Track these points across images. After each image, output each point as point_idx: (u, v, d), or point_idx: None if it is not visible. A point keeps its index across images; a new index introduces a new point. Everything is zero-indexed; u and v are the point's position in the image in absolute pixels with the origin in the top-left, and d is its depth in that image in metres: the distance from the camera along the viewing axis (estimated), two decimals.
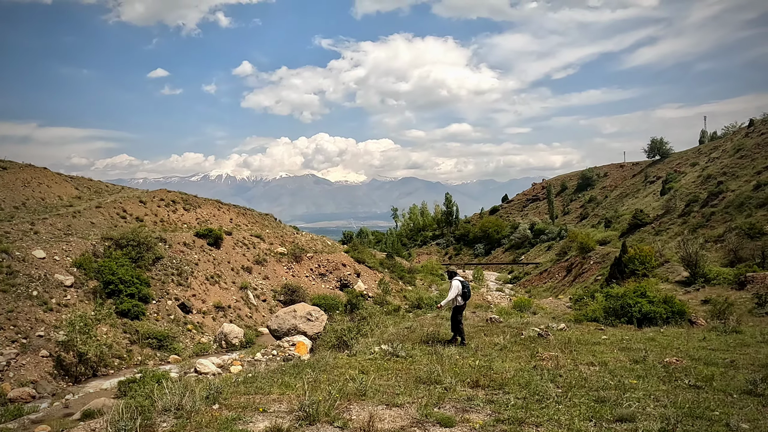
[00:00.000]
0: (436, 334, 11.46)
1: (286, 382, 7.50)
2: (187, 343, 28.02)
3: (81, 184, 44.04)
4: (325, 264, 41.96)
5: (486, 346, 9.52)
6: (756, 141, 55.14)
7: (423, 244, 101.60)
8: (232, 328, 29.08)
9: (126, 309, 27.36)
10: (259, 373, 8.40)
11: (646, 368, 7.38)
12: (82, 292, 26.89)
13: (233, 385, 7.65)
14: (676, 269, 33.37)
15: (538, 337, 10.41)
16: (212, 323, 30.82)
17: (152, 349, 26.32)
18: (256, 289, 35.68)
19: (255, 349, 26.57)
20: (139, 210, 38.67)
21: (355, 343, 11.54)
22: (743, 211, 40.71)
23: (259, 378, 7.98)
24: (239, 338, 28.77)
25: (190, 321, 29.81)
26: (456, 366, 7.90)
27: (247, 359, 23.88)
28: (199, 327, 29.88)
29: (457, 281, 11.49)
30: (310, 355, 23.00)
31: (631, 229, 55.35)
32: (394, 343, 9.14)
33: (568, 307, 25.27)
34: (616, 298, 14.25)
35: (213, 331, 30.08)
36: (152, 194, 42.13)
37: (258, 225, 46.12)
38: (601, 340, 10.08)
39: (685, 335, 10.24)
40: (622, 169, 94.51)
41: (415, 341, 10.41)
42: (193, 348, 27.66)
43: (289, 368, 8.59)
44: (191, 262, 33.76)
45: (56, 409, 17.64)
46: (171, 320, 28.97)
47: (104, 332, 25.00)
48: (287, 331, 27.58)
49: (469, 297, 11.58)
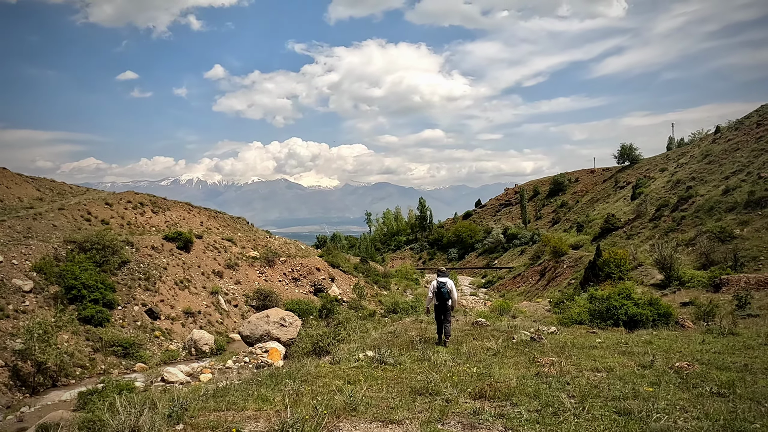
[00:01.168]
0: (422, 338, 10.88)
1: (262, 395, 6.69)
2: (154, 351, 26.83)
3: (43, 185, 42.15)
4: (299, 268, 41.07)
5: (478, 351, 8.95)
6: (723, 147, 56.48)
7: (397, 249, 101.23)
8: (202, 335, 28.01)
9: (89, 315, 26.04)
10: (231, 385, 7.49)
11: (657, 374, 6.90)
12: (42, 297, 25.48)
13: (201, 400, 6.80)
14: (650, 272, 33.64)
15: (531, 340, 9.94)
16: (181, 329, 29.65)
17: (117, 357, 25.09)
18: (227, 294, 34.59)
19: (226, 356, 25.59)
20: (104, 212, 37.14)
21: (336, 349, 10.87)
22: (713, 215, 41.43)
23: (232, 390, 7.14)
24: (209, 345, 27.71)
25: (158, 327, 28.60)
26: (452, 374, 7.26)
27: (218, 367, 22.92)
28: (168, 333, 28.70)
29: (434, 282, 11.57)
30: (284, 361, 22.18)
31: (603, 233, 55.93)
32: (380, 349, 8.52)
33: (548, 310, 25.05)
34: (601, 300, 13.96)
35: (182, 337, 28.93)
36: (119, 196, 40.56)
37: (230, 228, 44.93)
38: (596, 343, 9.64)
39: (682, 338, 9.90)
40: (592, 175, 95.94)
41: (402, 346, 9.79)
42: (160, 356, 26.49)
43: (265, 378, 7.76)
44: (159, 266, 32.49)
45: (9, 423, 16.43)
46: (137, 327, 27.73)
47: (65, 340, 23.70)
48: (260, 337, 26.67)
49: (446, 297, 11.45)
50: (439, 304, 11.51)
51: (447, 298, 11.39)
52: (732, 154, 52.73)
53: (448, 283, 11.54)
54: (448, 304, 11.44)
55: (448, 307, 11.48)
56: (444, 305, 11.45)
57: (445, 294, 11.36)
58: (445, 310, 11.48)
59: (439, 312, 11.60)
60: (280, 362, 22.40)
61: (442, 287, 11.40)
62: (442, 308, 11.50)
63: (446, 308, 11.46)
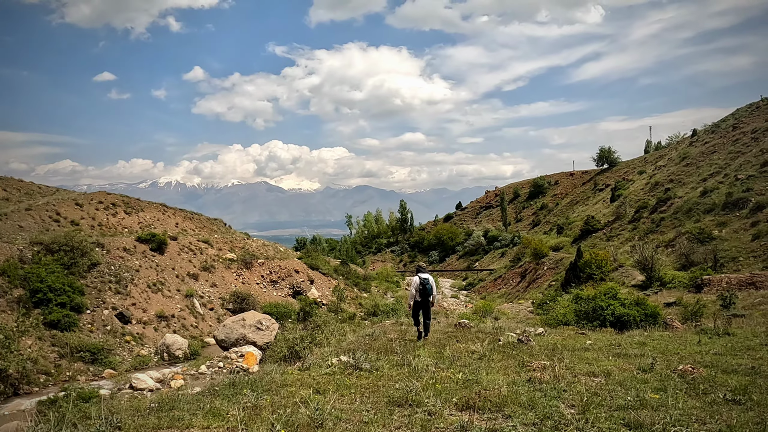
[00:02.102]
0: (403, 341, 10.22)
1: (215, 409, 5.79)
2: (124, 356, 25.75)
3: (10, 185, 40.56)
4: (277, 270, 40.18)
5: (463, 355, 8.28)
6: (700, 150, 57.19)
7: (378, 252, 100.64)
8: (175, 339, 27.02)
9: (56, 320, 24.87)
10: (181, 396, 6.60)
11: (660, 379, 6.30)
12: (4, 301, 24.25)
13: (141, 415, 5.90)
14: (631, 273, 33.61)
15: (519, 343, 9.33)
16: (154, 334, 28.59)
17: (84, 364, 23.97)
18: (202, 297, 33.57)
19: (200, 361, 24.66)
20: (74, 213, 35.79)
21: (308, 353, 10.19)
22: (691, 216, 41.75)
23: (182, 402, 6.21)
24: (183, 350, 26.73)
25: (129, 332, 27.51)
26: (435, 380, 6.54)
27: (191, 372, 21.99)
28: (139, 338, 27.62)
29: (416, 277, 11.53)
30: (259, 366, 21.41)
31: (583, 235, 56.15)
32: (355, 354, 7.83)
33: (530, 311, 24.69)
34: (587, 300, 13.55)
35: (154, 342, 27.88)
36: (90, 196, 39.17)
37: (206, 230, 43.80)
38: (587, 345, 9.07)
39: (676, 339, 9.42)
40: (572, 178, 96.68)
41: (380, 350, 9.06)
42: (131, 361, 25.43)
43: (223, 388, 6.92)
44: (131, 268, 31.36)
45: None
46: (107, 331, 26.62)
47: (29, 345, 22.54)
48: (235, 341, 25.80)
49: (430, 293, 11.47)
50: (422, 300, 11.48)
51: (430, 293, 11.39)
52: (709, 157, 53.38)
53: (430, 279, 11.51)
54: (430, 300, 11.45)
55: (430, 303, 11.50)
56: (426, 301, 11.44)
57: (429, 290, 11.33)
58: (427, 306, 11.50)
59: (420, 308, 11.60)
60: (256, 367, 21.62)
61: (426, 283, 11.36)
62: (424, 304, 11.50)
63: (428, 304, 11.48)
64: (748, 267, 30.22)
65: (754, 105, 61.11)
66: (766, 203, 36.39)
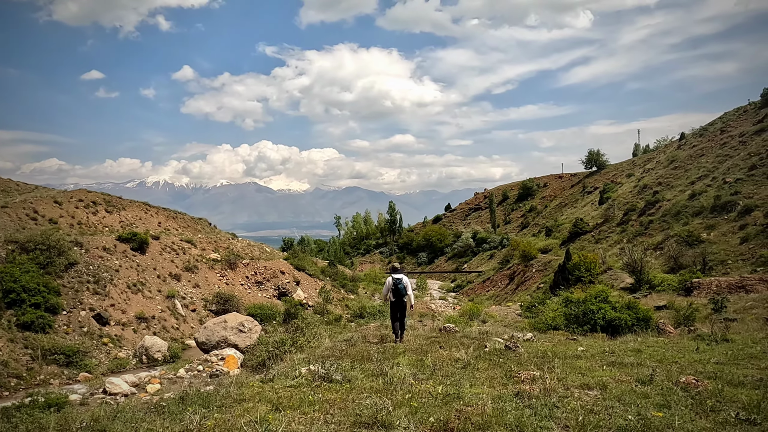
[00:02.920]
0: (383, 347, 9.62)
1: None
2: (101, 359, 24.93)
3: None
4: (262, 271, 39.44)
5: (445, 364, 7.68)
6: (688, 153, 57.29)
7: (366, 253, 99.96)
8: (155, 341, 26.23)
9: (29, 321, 24.00)
10: (120, 413, 5.79)
11: (662, 393, 5.66)
12: None
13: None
14: (619, 276, 33.33)
15: (506, 349, 8.78)
16: (133, 336, 27.78)
17: (59, 367, 23.14)
18: (184, 298, 32.76)
19: (179, 364, 23.90)
20: (53, 211, 34.80)
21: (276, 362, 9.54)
22: (680, 219, 41.62)
23: (117, 422, 5.42)
24: (162, 352, 25.96)
25: (107, 334, 26.67)
26: (412, 395, 5.81)
27: (168, 376, 21.24)
28: (117, 340, 26.80)
29: (390, 278, 11.46)
30: (239, 370, 20.75)
31: (571, 237, 55.95)
32: (327, 362, 7.19)
33: (519, 314, 24.23)
34: (577, 303, 13.07)
35: (133, 344, 27.07)
36: (69, 194, 38.15)
37: (190, 230, 42.91)
38: (579, 352, 8.49)
39: (672, 346, 8.90)
40: (560, 180, 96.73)
41: (356, 357, 8.44)
42: (108, 364, 24.63)
43: (171, 403, 6.17)
44: (111, 268, 30.48)
45: None
46: (84, 333, 25.77)
47: (0, 348, 21.72)
48: (216, 343, 25.08)
49: (404, 293, 11.31)
50: (396, 301, 11.32)
51: (404, 294, 11.20)
52: (697, 160, 53.45)
53: (403, 279, 11.32)
54: (404, 300, 11.27)
55: (404, 304, 11.32)
56: (401, 302, 11.28)
57: (402, 290, 11.16)
58: (402, 307, 11.34)
59: (396, 309, 11.45)
60: (237, 370, 20.97)
61: (398, 283, 11.20)
62: (399, 305, 11.33)
63: (403, 305, 11.32)
64: (737, 270, 30.05)
65: (741, 109, 61.40)
66: (754, 206, 36.32)
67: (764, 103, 56.47)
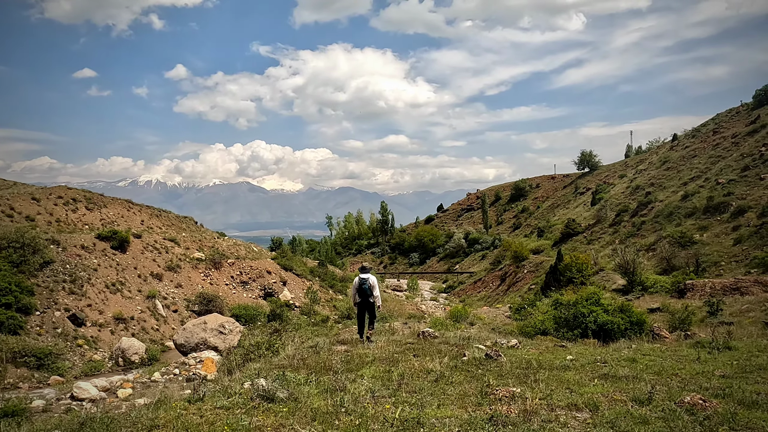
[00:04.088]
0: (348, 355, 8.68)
1: None
2: (75, 362, 23.95)
3: None
4: (248, 271, 38.54)
5: (415, 376, 6.76)
6: (681, 154, 56.92)
7: (358, 253, 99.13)
8: (132, 343, 25.29)
9: None
10: None
11: (664, 416, 4.75)
12: None
13: None
14: (611, 277, 32.73)
15: (486, 358, 7.86)
16: (110, 337, 26.81)
17: (29, 369, 22.14)
18: (166, 298, 31.81)
19: (156, 367, 22.99)
20: (30, 208, 33.71)
21: (221, 376, 8.66)
22: (672, 220, 41.16)
23: None
24: (140, 354, 25.02)
25: (82, 335, 25.69)
26: (363, 420, 4.82)
27: (143, 380, 20.35)
28: (93, 342, 25.82)
29: (357, 278, 11.32)
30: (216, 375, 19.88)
31: (563, 238, 55.44)
32: (274, 375, 6.29)
33: (508, 317, 23.51)
34: (568, 306, 12.34)
35: (110, 346, 26.11)
36: (48, 191, 37.02)
37: (174, 228, 41.91)
38: (567, 361, 7.66)
39: (669, 354, 8.05)
40: (553, 181, 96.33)
41: (315, 368, 7.51)
42: (82, 367, 23.66)
43: (68, 426, 5.31)
44: (89, 267, 29.48)
45: None
46: (57, 334, 24.79)
47: None
48: (195, 345, 24.22)
49: (369, 293, 11.16)
50: (362, 301, 11.21)
51: (369, 294, 11.04)
52: (690, 161, 53.06)
53: (369, 279, 11.16)
54: (370, 300, 11.10)
55: (372, 304, 11.16)
56: (366, 302, 11.14)
57: (367, 290, 11.02)
58: (369, 306, 11.20)
59: (363, 310, 11.35)
60: (215, 374, 20.11)
61: (363, 283, 11.08)
62: (365, 305, 11.23)
63: (369, 305, 11.18)
64: (730, 272, 29.53)
65: (734, 110, 61.11)
66: (747, 207, 35.87)
67: (757, 105, 56.18)
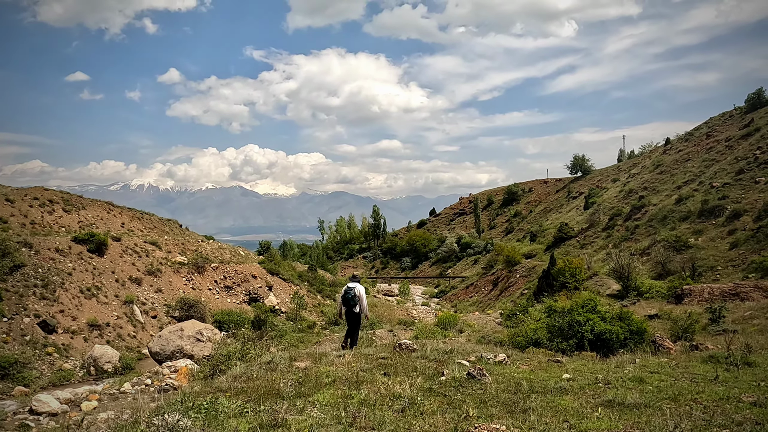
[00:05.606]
0: (305, 374, 7.34)
1: None
2: (43, 371, 22.70)
3: None
4: (233, 275, 37.36)
5: (379, 403, 5.62)
6: (674, 157, 56.34)
7: (350, 257, 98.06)
8: (105, 351, 24.07)
9: None
10: None
11: None
12: None
13: None
14: (605, 282, 31.87)
15: (468, 379, 6.74)
16: (83, 345, 25.58)
17: None
18: (145, 303, 30.58)
19: (128, 376, 21.79)
20: (3, 210, 32.38)
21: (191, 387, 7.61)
22: (667, 224, 40.40)
23: None
24: (113, 363, 23.80)
25: (53, 343, 24.45)
26: None
27: (111, 391, 19.15)
28: (65, 350, 24.58)
29: (344, 288, 11.20)
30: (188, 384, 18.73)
31: (556, 242, 54.61)
32: (203, 404, 5.27)
33: (499, 323, 22.53)
34: (562, 314, 11.36)
35: (83, 354, 24.87)
36: (23, 192, 35.69)
37: (157, 231, 40.67)
38: (564, 382, 6.47)
39: (682, 371, 6.93)
40: (545, 185, 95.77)
41: (261, 392, 6.30)
42: (50, 376, 22.41)
43: None
44: (63, 271, 28.24)
45: None
46: (26, 342, 23.54)
47: None
48: (171, 354, 23.04)
49: (353, 303, 11.02)
50: (347, 311, 11.06)
51: (354, 304, 10.85)
52: (683, 165, 52.47)
53: (355, 289, 10.95)
54: (355, 311, 10.92)
55: (356, 314, 10.99)
56: (351, 312, 10.97)
57: (351, 299, 10.83)
58: (353, 317, 11.05)
59: (348, 319, 11.22)
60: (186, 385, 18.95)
61: (348, 292, 10.91)
62: (349, 315, 11.09)
63: (353, 315, 11.02)
64: (727, 276, 28.73)
65: (727, 114, 60.71)
66: (743, 211, 35.17)
67: (750, 108, 55.77)
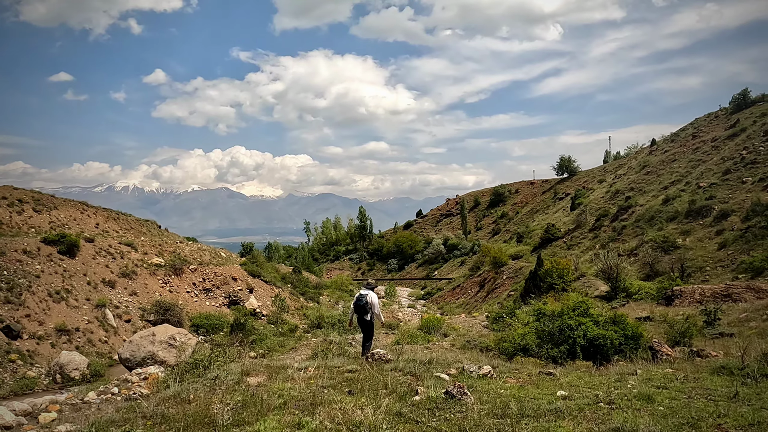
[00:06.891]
0: (255, 391, 6.08)
1: None
2: (5, 379, 21.42)
3: None
4: (212, 278, 36.19)
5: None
6: (660, 158, 56.17)
7: (336, 259, 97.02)
8: (72, 357, 22.85)
9: None
10: None
11: None
12: None
13: None
14: (593, 283, 31.25)
15: (446, 398, 5.83)
16: (50, 351, 24.31)
17: None
18: (118, 306, 29.33)
19: (95, 384, 20.61)
20: None
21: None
22: (654, 224, 40.01)
23: None
24: (81, 370, 22.59)
25: (17, 349, 23.16)
26: None
27: (74, 401, 18.01)
28: (30, 356, 23.31)
29: (357, 294, 11.27)
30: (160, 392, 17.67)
31: (543, 243, 54.14)
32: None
33: (485, 326, 21.72)
34: (552, 317, 10.56)
35: (49, 361, 23.62)
36: None
37: (133, 232, 39.36)
38: (559, 401, 5.65)
39: (694, 386, 5.97)
40: (532, 186, 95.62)
41: (191, 420, 5.19)
42: (12, 385, 21.13)
43: None
44: (30, 273, 26.94)
45: None
46: None
47: None
48: (142, 360, 21.88)
49: (364, 311, 11.01)
50: (359, 318, 11.10)
51: (366, 312, 10.86)
52: (670, 165, 52.26)
53: (368, 296, 10.91)
54: (366, 318, 10.91)
55: (368, 322, 11.00)
56: (362, 320, 11.00)
57: (363, 307, 10.84)
58: (365, 324, 11.07)
59: (361, 327, 11.28)
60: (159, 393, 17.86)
61: (360, 300, 10.93)
62: (362, 323, 11.14)
63: (365, 323, 11.04)
64: (716, 277, 28.26)
65: (712, 114, 60.75)
66: (730, 211, 34.84)
67: (735, 109, 55.83)
